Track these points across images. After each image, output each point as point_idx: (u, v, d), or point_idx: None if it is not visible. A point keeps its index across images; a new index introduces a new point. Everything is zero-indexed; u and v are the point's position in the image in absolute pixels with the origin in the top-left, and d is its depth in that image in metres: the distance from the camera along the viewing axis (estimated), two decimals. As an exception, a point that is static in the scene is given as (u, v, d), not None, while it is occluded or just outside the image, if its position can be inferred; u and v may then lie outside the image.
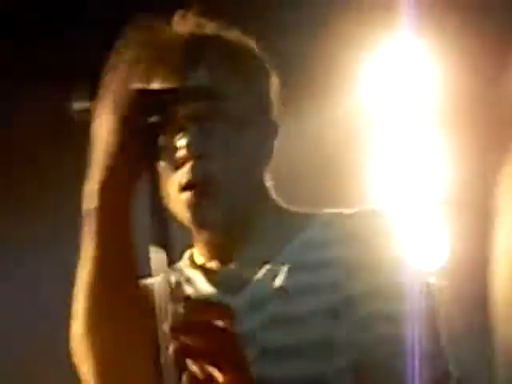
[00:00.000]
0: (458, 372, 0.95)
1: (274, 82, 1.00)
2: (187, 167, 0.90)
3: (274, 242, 0.94)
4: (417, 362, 0.85)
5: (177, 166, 0.91)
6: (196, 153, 0.90)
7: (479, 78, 2.81)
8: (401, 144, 3.10)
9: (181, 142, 0.90)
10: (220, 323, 0.72)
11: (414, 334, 0.86)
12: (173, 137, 0.91)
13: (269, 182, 0.99)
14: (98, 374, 0.84)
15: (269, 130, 0.99)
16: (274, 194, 0.99)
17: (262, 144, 0.97)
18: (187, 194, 0.91)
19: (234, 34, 0.97)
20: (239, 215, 0.95)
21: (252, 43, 0.98)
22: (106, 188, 0.81)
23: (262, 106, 0.98)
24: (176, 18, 0.95)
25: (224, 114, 0.92)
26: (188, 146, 0.90)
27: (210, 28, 0.96)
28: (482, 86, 2.81)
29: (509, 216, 2.88)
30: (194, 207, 0.91)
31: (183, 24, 0.95)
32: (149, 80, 0.90)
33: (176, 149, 0.90)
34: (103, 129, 0.82)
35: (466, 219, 3.36)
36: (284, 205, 0.99)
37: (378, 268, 0.88)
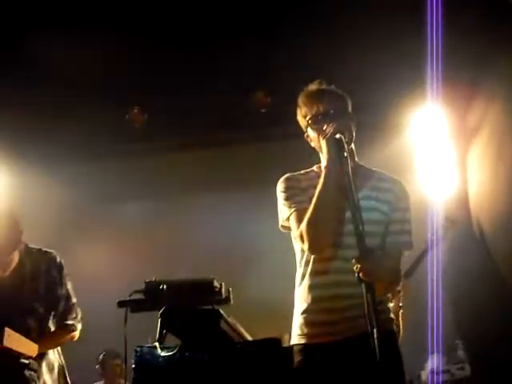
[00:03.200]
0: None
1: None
2: None
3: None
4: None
5: None
6: None
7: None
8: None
9: None
10: None
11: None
12: None
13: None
14: None
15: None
16: None
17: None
18: None
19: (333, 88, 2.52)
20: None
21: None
22: None
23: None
24: (313, 84, 2.49)
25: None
26: None
27: (326, 86, 2.49)
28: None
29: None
30: None
31: (316, 85, 2.48)
32: (309, 104, 2.44)
33: None
34: None
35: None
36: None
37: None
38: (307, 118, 2.44)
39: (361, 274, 2.06)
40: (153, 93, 5.08)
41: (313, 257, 2.34)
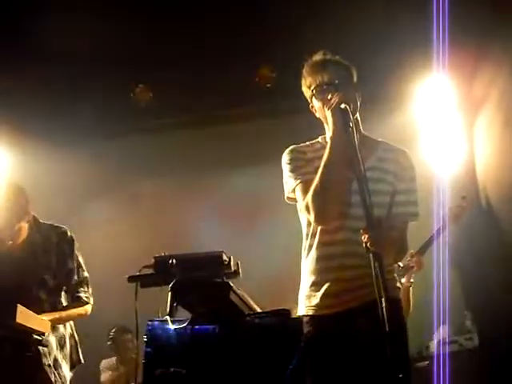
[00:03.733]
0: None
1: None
2: None
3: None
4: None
5: None
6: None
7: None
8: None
9: None
10: None
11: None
12: None
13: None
14: None
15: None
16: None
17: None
18: None
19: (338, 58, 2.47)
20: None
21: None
22: None
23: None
24: (318, 54, 2.45)
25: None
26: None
27: (329, 56, 2.44)
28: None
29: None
30: None
31: (320, 55, 2.44)
32: (314, 75, 2.40)
33: None
34: None
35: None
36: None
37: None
38: (311, 88, 2.41)
39: (368, 244, 2.06)
40: (157, 70, 5.06)
41: (319, 228, 2.33)
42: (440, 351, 3.88)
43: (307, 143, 2.51)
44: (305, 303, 2.35)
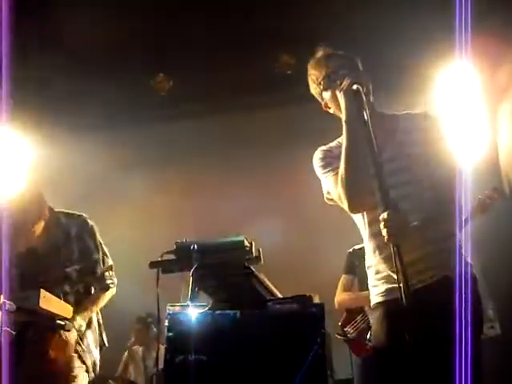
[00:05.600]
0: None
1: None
2: None
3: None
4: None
5: None
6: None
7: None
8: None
9: None
10: None
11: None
12: None
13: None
14: None
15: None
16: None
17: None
18: None
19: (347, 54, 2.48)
20: None
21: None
22: None
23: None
24: (319, 49, 2.49)
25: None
26: None
27: (331, 50, 2.48)
28: None
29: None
30: None
31: (321, 50, 2.48)
32: (319, 68, 2.45)
33: None
34: None
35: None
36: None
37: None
38: (319, 81, 2.42)
39: (387, 236, 2.04)
40: (177, 59, 5.06)
41: (367, 219, 2.33)
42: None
43: (333, 143, 2.52)
44: (374, 291, 2.37)
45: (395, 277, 2.15)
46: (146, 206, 5.75)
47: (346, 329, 4.11)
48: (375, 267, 2.37)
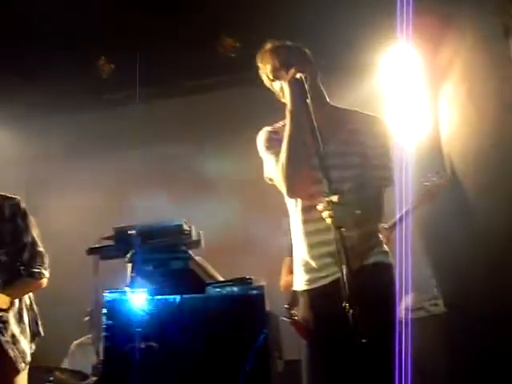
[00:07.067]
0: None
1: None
2: None
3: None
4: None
5: None
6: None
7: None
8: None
9: None
10: None
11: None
12: None
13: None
14: None
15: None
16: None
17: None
18: None
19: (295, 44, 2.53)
20: None
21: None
22: None
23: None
24: (266, 44, 2.53)
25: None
26: None
27: (279, 42, 2.53)
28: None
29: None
30: None
31: (269, 44, 2.52)
32: (268, 61, 2.49)
33: None
34: None
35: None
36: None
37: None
38: (268, 74, 2.49)
39: (329, 221, 2.09)
40: (119, 42, 4.96)
41: (301, 205, 2.39)
42: (407, 318, 3.90)
43: (280, 123, 2.52)
44: (298, 277, 2.46)
45: (316, 266, 2.31)
46: (85, 195, 5.64)
47: (292, 311, 4.11)
48: (300, 253, 2.44)
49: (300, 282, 2.46)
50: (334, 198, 2.09)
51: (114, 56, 5.07)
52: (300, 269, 2.45)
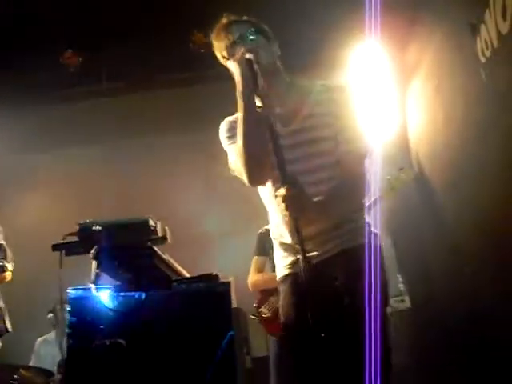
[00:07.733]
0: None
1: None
2: None
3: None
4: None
5: None
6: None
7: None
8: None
9: None
10: None
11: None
12: None
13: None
14: None
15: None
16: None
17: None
18: None
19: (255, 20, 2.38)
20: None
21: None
22: None
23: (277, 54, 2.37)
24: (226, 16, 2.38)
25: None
26: None
27: (234, 17, 2.38)
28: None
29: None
30: None
31: (223, 19, 2.38)
32: (222, 38, 2.36)
33: None
34: None
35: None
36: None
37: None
38: (222, 53, 2.36)
39: (285, 210, 2.05)
40: (87, 35, 4.88)
41: (273, 191, 2.27)
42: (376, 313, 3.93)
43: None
44: (278, 264, 2.41)
45: (292, 251, 2.19)
46: (56, 190, 5.56)
47: (260, 309, 4.12)
48: (280, 239, 2.37)
49: (283, 266, 2.37)
50: (284, 191, 2.04)
51: (82, 48, 4.98)
52: (282, 254, 2.37)
